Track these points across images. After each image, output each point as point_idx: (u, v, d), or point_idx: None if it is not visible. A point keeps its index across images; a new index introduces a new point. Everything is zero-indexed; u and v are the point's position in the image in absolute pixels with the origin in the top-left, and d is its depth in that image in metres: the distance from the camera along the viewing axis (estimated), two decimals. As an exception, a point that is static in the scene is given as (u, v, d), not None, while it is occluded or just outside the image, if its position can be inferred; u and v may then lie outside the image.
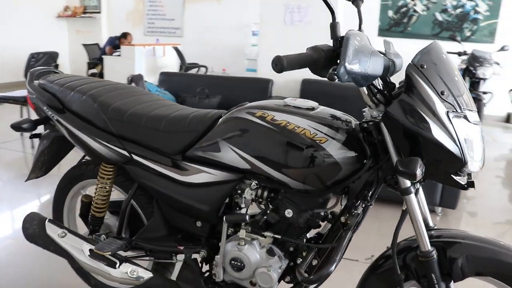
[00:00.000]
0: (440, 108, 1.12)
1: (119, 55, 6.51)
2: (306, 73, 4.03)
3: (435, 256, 1.22)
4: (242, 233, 1.43)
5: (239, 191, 1.45)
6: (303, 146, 1.29)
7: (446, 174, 1.17)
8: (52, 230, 1.63)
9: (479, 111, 5.17)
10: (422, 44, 1.22)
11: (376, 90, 1.23)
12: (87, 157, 1.85)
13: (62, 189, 1.88)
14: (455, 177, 1.17)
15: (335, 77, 1.04)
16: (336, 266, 1.24)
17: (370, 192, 1.34)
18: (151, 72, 6.40)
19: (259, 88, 4.09)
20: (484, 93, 5.47)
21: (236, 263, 1.44)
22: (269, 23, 4.08)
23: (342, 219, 1.36)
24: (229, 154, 1.39)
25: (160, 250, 1.60)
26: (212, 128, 1.46)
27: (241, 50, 8.08)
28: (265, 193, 1.42)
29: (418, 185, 1.25)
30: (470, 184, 1.20)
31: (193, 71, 7.07)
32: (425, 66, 1.13)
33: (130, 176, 1.70)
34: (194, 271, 1.52)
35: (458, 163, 1.13)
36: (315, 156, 1.28)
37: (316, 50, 1.11)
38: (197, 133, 1.47)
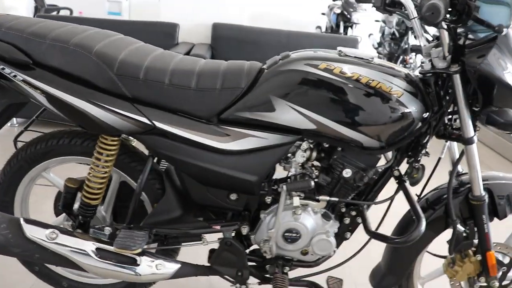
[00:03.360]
0: None
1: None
2: (216, 17, 3.77)
3: (486, 199, 1.28)
4: (296, 200, 1.27)
5: (288, 154, 1.27)
6: (382, 101, 1.16)
7: None
8: (35, 232, 1.20)
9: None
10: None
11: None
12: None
13: (14, 172, 1.39)
14: None
15: (504, 29, 0.96)
16: None
17: (427, 143, 1.30)
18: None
19: (164, 33, 3.67)
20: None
21: (291, 234, 1.29)
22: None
23: (396, 172, 1.32)
24: (288, 114, 1.18)
25: (190, 233, 1.32)
26: (256, 84, 1.21)
27: (99, -11, 7.08)
28: (314, 154, 1.27)
29: (477, 133, 1.26)
30: None
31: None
32: None
33: (130, 150, 1.35)
34: (238, 251, 1.30)
35: None
36: (394, 111, 1.17)
37: None
38: (240, 90, 1.20)
